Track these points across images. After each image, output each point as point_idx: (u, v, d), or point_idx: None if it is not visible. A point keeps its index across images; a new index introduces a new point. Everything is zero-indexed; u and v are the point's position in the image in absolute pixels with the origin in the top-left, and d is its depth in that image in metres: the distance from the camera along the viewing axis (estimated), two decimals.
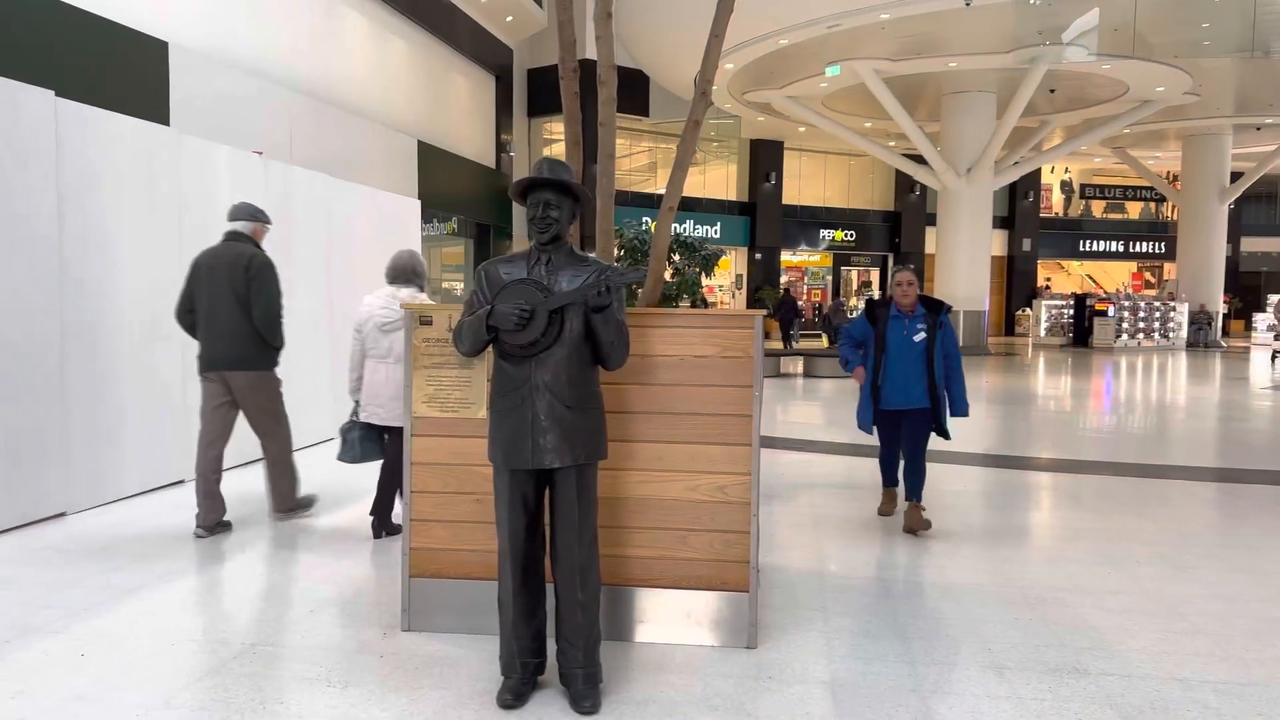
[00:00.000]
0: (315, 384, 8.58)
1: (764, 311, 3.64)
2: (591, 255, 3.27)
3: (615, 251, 4.80)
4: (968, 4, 16.01)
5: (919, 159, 24.83)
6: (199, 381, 5.49)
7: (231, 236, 5.46)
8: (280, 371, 5.59)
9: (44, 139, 5.52)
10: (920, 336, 5.54)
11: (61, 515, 5.73)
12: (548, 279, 3.12)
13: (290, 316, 8.13)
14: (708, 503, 3.68)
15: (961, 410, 5.65)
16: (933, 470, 7.24)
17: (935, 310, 5.61)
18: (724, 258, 20.54)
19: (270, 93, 12.54)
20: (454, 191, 19.86)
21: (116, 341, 6.16)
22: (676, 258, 12.61)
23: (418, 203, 11.04)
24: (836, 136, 25.74)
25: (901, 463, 5.76)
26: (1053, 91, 22.98)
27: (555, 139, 25.67)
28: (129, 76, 9.87)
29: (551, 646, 3.45)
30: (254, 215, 5.58)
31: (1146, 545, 5.46)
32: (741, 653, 3.63)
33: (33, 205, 5.45)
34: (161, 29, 10.59)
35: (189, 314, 5.40)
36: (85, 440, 5.90)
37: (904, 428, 5.69)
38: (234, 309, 5.28)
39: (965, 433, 10.03)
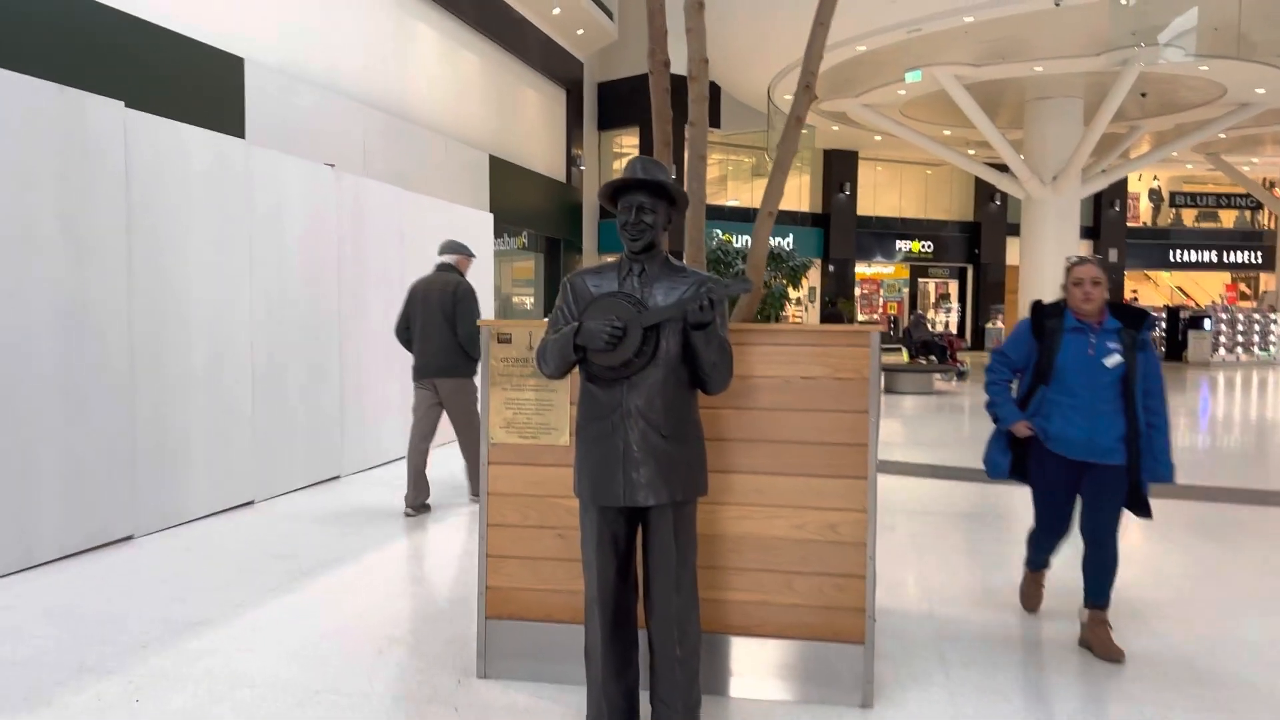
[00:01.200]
0: (385, 399, 8.38)
1: (880, 327, 3.23)
2: (689, 266, 2.91)
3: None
4: (1057, 4, 15.32)
5: (1001, 167, 24.01)
6: (413, 389, 6.42)
7: (442, 268, 6.50)
8: (356, 387, 5.37)
9: (113, 150, 5.37)
10: (1115, 360, 3.83)
11: (129, 538, 5.56)
12: (641, 292, 2.77)
13: (362, 331, 7.96)
14: (816, 542, 3.27)
15: (1164, 473, 3.86)
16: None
17: (1134, 323, 3.91)
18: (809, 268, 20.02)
19: (344, 107, 12.51)
20: (525, 205, 19.74)
21: (186, 358, 6.00)
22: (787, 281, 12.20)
23: (490, 216, 10.84)
24: (913, 145, 25.04)
25: (1082, 546, 3.93)
26: (1144, 96, 21.98)
27: (626, 152, 25.48)
28: (206, 91, 9.87)
29: (645, 704, 3.08)
30: (459, 249, 6.61)
31: None
32: (855, 713, 3.22)
33: (101, 217, 5.31)
34: (238, 45, 10.60)
35: (406, 331, 6.41)
36: (153, 460, 5.73)
37: (1086, 492, 3.92)
38: (443, 327, 6.26)
39: None
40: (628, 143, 25.30)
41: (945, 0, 15.85)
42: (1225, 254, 37.10)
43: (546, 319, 3.02)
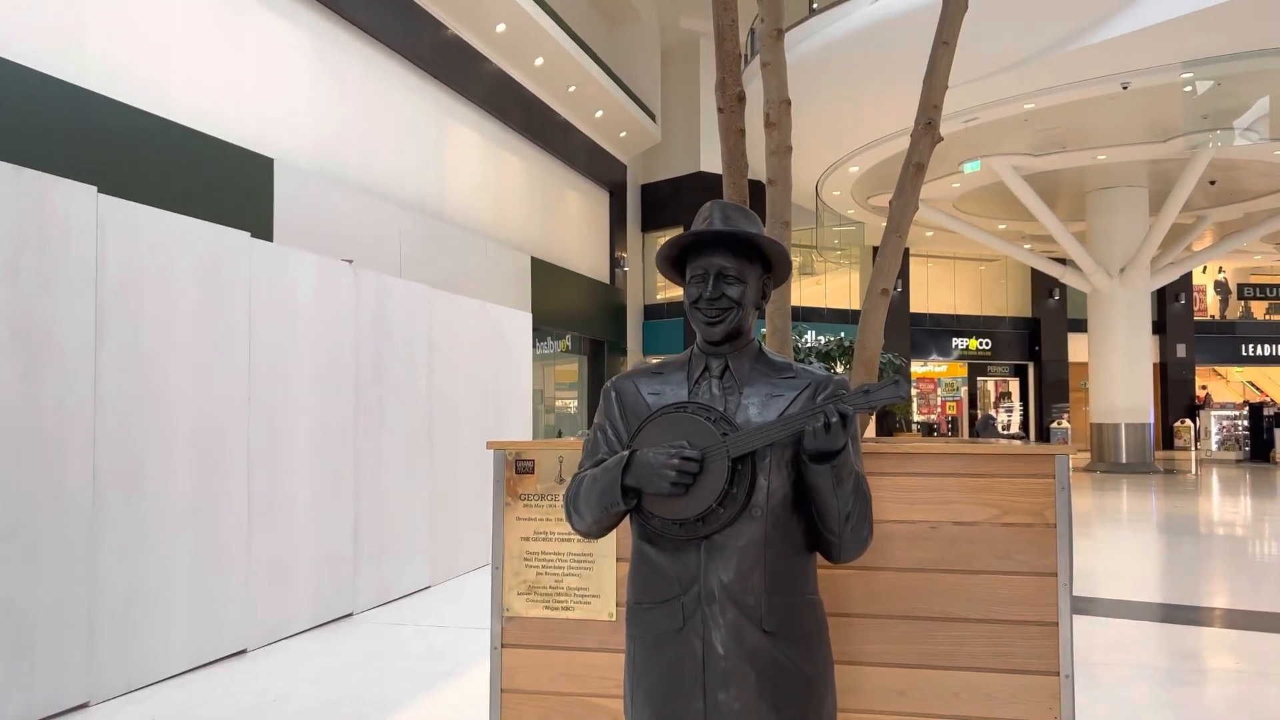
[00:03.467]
0: (408, 522, 7.41)
1: (1069, 449, 2.22)
2: (795, 361, 1.94)
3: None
4: (1125, 87, 14.54)
5: (1062, 261, 23.01)
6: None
7: None
8: (374, 511, 4.41)
9: (81, 239, 4.61)
10: None
11: (84, 706, 4.58)
12: (725, 403, 1.82)
13: (380, 446, 7.06)
14: None
15: None
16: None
17: None
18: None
19: (379, 209, 11.98)
20: (567, 307, 19.11)
21: (165, 484, 5.11)
22: (840, 369, 11.12)
23: (528, 315, 10.05)
24: (965, 240, 24.20)
25: None
26: (1213, 184, 21.01)
27: None
28: (232, 191, 9.34)
29: None
30: None
31: None
32: None
33: (64, 313, 4.50)
34: (268, 146, 10.14)
35: None
36: (119, 608, 4.78)
37: None
38: None
39: (1176, 576, 8.15)
40: None
41: (1004, 87, 15.14)
42: None
43: (583, 436, 2.07)
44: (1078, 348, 28.63)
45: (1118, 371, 21.57)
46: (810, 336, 25.18)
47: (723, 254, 1.84)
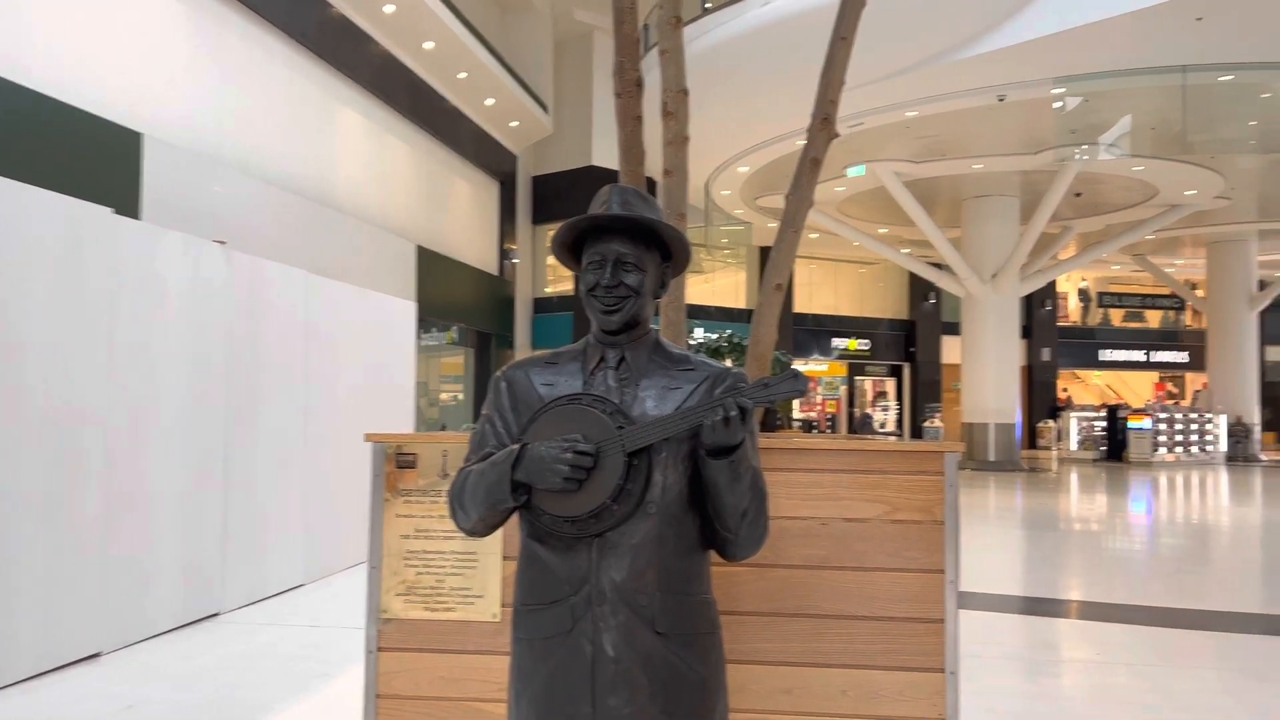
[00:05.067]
0: (285, 520, 7.10)
1: (958, 447, 2.24)
2: (692, 353, 1.89)
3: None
4: (1001, 99, 15.16)
5: (938, 265, 23.88)
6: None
7: None
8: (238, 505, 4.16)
9: None
10: None
11: None
12: (621, 395, 1.75)
13: (255, 434, 6.74)
14: None
15: None
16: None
17: None
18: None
19: (257, 190, 11.45)
20: (454, 298, 18.75)
21: (12, 474, 4.73)
22: (729, 363, 11.19)
23: (412, 304, 9.78)
24: (848, 243, 24.87)
25: None
26: (1078, 195, 22.14)
27: None
28: (96, 167, 8.75)
29: None
30: None
31: None
32: None
33: None
34: (137, 120, 9.56)
35: None
36: None
37: None
38: None
39: (1020, 568, 8.54)
40: None
41: (888, 95, 15.58)
42: (1151, 353, 37.68)
43: (468, 430, 1.97)
44: (951, 350, 29.78)
45: (988, 373, 22.52)
46: (699, 334, 25.45)
47: (621, 240, 1.77)
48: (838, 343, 31.86)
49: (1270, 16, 12.53)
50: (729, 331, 20.75)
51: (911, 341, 32.67)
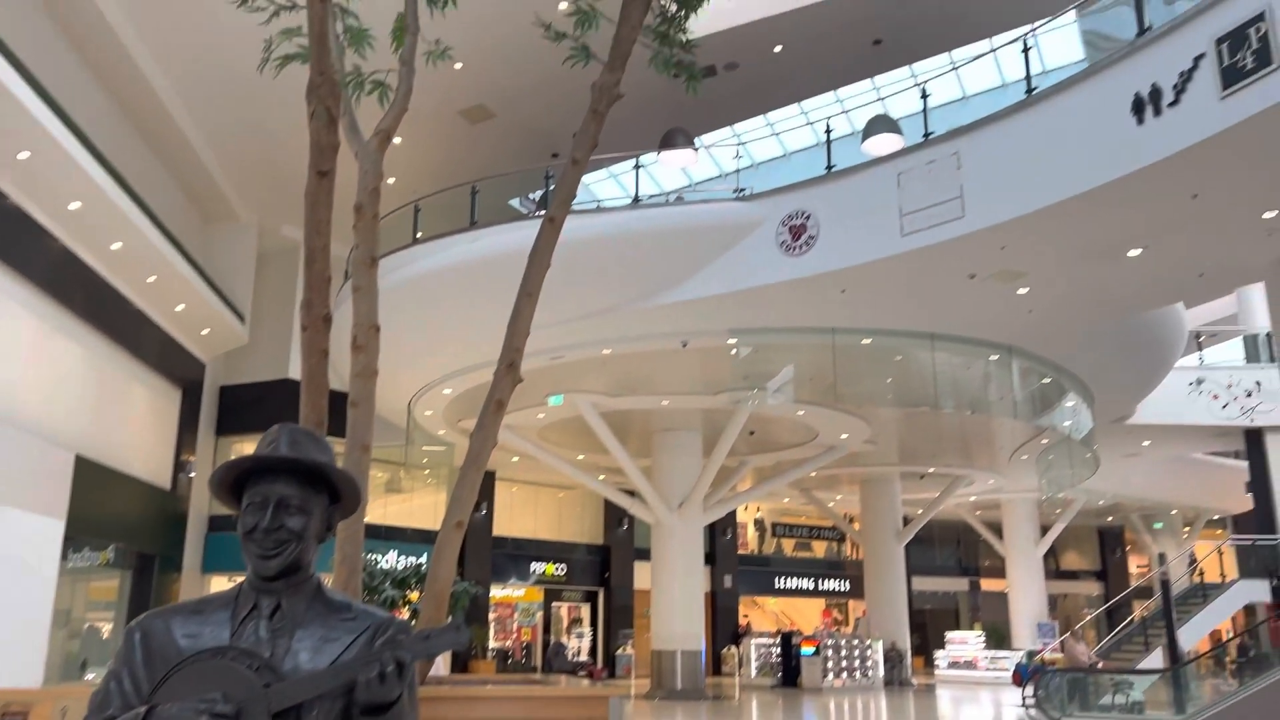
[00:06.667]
0: None
1: (621, 689, 2.31)
2: (352, 600, 1.86)
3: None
4: (684, 345, 16.65)
5: (631, 493, 24.92)
6: None
7: None
8: None
9: None
10: None
11: None
12: (273, 647, 1.68)
13: None
14: None
15: None
16: None
17: None
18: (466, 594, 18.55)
19: None
20: (114, 515, 16.87)
21: None
22: (415, 596, 10.77)
23: (59, 523, 8.69)
24: (548, 468, 25.43)
25: None
26: (752, 434, 24.27)
27: None
28: None
29: None
30: None
31: None
32: None
33: None
34: None
35: None
36: None
37: None
38: None
39: None
40: (249, 450, 23.20)
41: (587, 332, 16.65)
42: (819, 581, 40.79)
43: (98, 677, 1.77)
44: (643, 575, 30.58)
45: (675, 600, 23.25)
46: (393, 556, 24.39)
47: (287, 482, 1.76)
48: (536, 567, 31.71)
49: (895, 294, 14.98)
50: (424, 556, 20.04)
51: (606, 567, 33.18)
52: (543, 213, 5.84)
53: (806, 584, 40.30)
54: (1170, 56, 10.45)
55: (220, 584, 22.55)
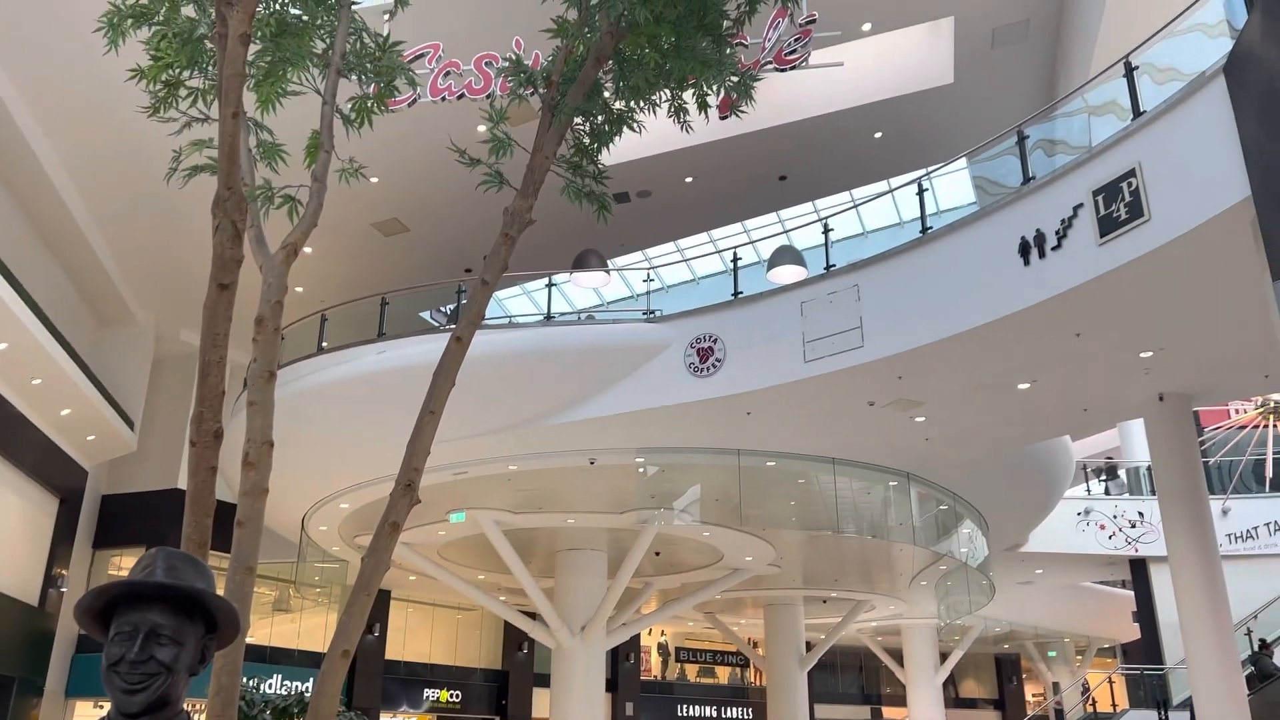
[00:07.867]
0: None
1: None
2: None
3: None
4: (592, 462, 16.58)
5: (533, 615, 24.26)
6: None
7: None
8: None
9: None
10: None
11: None
12: None
13: None
14: None
15: None
16: None
17: None
18: None
19: None
20: None
21: None
22: None
23: None
24: (446, 588, 24.65)
25: None
26: (658, 554, 24.05)
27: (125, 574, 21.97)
28: None
29: None
30: None
31: None
32: None
33: None
34: None
35: None
36: None
37: None
38: None
39: None
40: (128, 564, 21.90)
41: (491, 448, 16.47)
42: (723, 709, 39.93)
43: None
44: (541, 703, 29.47)
45: None
46: (276, 680, 23.05)
47: (160, 610, 1.68)
48: (430, 693, 30.30)
49: (798, 418, 15.30)
50: (310, 681, 19.01)
51: (504, 694, 31.91)
52: (453, 327, 5.90)
53: (710, 712, 39.39)
54: (1052, 204, 11.18)
55: (85, 709, 20.91)
